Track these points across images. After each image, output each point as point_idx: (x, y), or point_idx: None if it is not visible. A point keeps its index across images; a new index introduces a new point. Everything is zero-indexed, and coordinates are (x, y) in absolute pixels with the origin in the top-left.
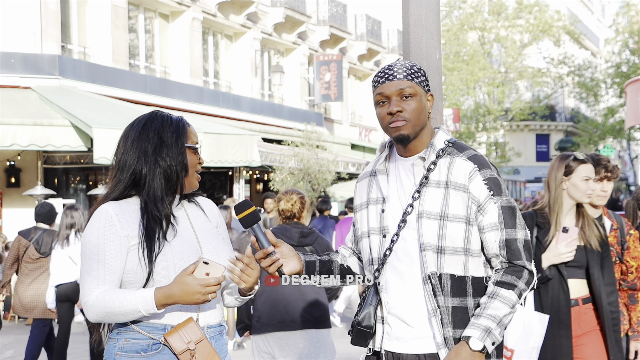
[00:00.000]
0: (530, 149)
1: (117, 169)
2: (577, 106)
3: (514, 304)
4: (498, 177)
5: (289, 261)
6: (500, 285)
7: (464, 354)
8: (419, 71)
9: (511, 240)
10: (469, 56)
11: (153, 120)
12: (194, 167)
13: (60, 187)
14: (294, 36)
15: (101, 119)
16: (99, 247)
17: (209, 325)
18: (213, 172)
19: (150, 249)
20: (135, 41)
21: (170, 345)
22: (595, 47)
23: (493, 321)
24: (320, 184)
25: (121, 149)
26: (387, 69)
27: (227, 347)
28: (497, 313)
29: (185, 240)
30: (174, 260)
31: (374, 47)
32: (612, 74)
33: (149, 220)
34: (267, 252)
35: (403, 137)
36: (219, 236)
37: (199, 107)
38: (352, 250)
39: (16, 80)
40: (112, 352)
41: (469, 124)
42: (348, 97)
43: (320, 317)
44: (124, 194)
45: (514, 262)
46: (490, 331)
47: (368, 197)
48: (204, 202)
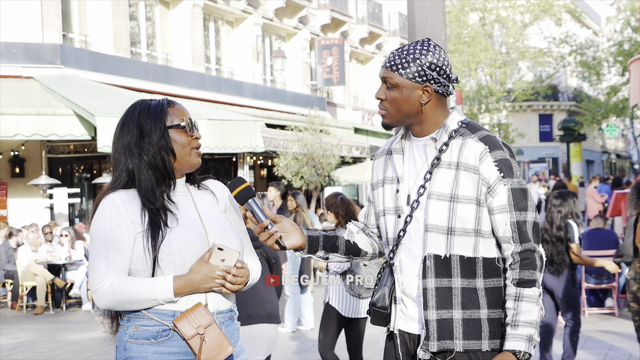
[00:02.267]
0: (533, 130)
1: (113, 166)
2: (579, 85)
3: (539, 299)
4: (510, 159)
5: (290, 235)
6: (522, 285)
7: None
8: (414, 61)
9: (521, 222)
10: (470, 38)
11: (132, 112)
12: (186, 145)
13: (64, 177)
14: (295, 21)
15: (104, 107)
16: (107, 234)
17: (219, 311)
18: (217, 158)
19: (154, 238)
20: (137, 29)
21: (180, 330)
22: (597, 25)
23: (531, 326)
24: (324, 168)
25: (113, 147)
26: (391, 53)
27: (239, 332)
28: (530, 318)
29: (190, 226)
30: (179, 246)
31: (376, 31)
32: (614, 53)
33: (150, 212)
34: (264, 226)
35: (384, 125)
36: (226, 221)
37: (202, 94)
38: (364, 226)
39: (18, 70)
40: (122, 339)
41: (472, 105)
42: (350, 81)
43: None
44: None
45: (523, 245)
46: (531, 338)
47: (384, 175)
48: (215, 186)
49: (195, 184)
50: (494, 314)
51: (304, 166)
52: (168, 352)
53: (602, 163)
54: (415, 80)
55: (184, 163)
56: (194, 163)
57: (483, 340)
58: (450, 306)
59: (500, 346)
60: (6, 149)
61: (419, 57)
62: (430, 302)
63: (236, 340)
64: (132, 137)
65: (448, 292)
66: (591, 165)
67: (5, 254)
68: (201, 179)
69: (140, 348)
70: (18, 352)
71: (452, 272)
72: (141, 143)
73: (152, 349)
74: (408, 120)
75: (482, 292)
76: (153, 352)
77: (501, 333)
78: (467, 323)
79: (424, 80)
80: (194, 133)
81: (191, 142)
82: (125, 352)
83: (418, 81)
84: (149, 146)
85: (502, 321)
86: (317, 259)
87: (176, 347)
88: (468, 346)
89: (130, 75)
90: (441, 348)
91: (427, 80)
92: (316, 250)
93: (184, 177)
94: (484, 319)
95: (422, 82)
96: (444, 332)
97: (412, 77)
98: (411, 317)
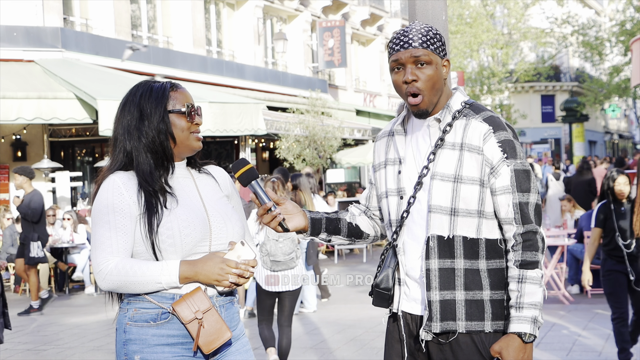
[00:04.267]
0: (535, 110)
1: (112, 146)
2: (581, 66)
3: (541, 280)
4: (513, 140)
5: (293, 217)
6: (525, 267)
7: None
8: (435, 36)
9: (523, 204)
10: (472, 19)
11: (134, 93)
12: (185, 130)
13: (66, 160)
14: (295, 3)
15: (105, 90)
16: (109, 215)
17: (218, 294)
18: (219, 141)
19: (150, 221)
20: (137, 12)
21: (178, 314)
22: (599, 5)
23: (535, 308)
24: (326, 150)
25: (114, 127)
26: (403, 35)
27: (239, 315)
28: (535, 299)
29: (191, 208)
30: (180, 228)
31: (377, 12)
32: (616, 32)
33: (146, 194)
34: (267, 208)
35: (422, 113)
36: (228, 204)
37: (203, 77)
38: (366, 208)
39: (19, 53)
40: (122, 321)
41: (474, 86)
42: (352, 63)
43: None
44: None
45: (525, 227)
46: (536, 320)
47: (386, 157)
48: (216, 171)
49: (196, 167)
50: (496, 295)
51: (305, 148)
52: (167, 335)
53: (605, 144)
54: (442, 55)
55: (184, 147)
56: (194, 147)
57: (486, 321)
58: (453, 287)
59: (504, 328)
60: (8, 133)
61: (437, 33)
62: (433, 283)
63: (236, 324)
64: (132, 119)
65: (451, 273)
66: (594, 145)
67: (10, 238)
68: (202, 164)
69: (140, 330)
70: (21, 335)
71: (455, 253)
72: (140, 126)
73: (152, 331)
74: (435, 100)
75: (484, 273)
76: (152, 335)
77: (504, 315)
78: (470, 304)
79: (445, 54)
80: (195, 119)
81: (191, 127)
82: (125, 334)
83: (442, 55)
84: (148, 129)
85: (504, 303)
86: (319, 241)
87: (175, 330)
88: (470, 327)
89: (131, 58)
90: (444, 329)
91: (446, 54)
92: (319, 233)
93: (184, 161)
94: (486, 300)
95: (444, 56)
96: (447, 313)
97: (439, 52)
98: (414, 298)
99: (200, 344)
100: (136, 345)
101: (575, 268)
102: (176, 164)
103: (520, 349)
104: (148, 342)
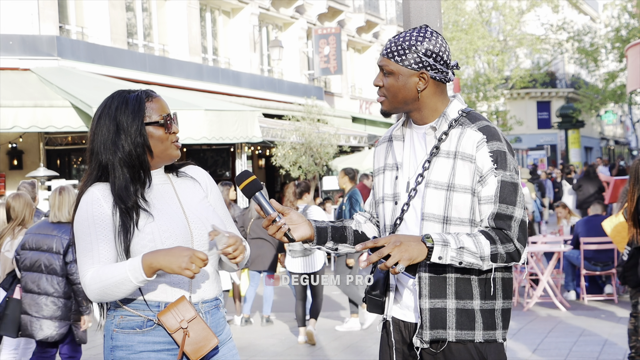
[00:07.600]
0: (531, 117)
1: (88, 158)
2: (577, 72)
3: (484, 257)
4: (507, 152)
5: (298, 227)
6: (482, 233)
7: (413, 237)
8: (409, 48)
9: (504, 215)
10: (467, 25)
11: (109, 106)
12: (164, 140)
13: (62, 168)
14: (291, 10)
15: (101, 98)
16: (90, 228)
17: (204, 300)
18: (215, 149)
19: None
20: (133, 20)
21: (164, 324)
22: (594, 11)
23: (456, 243)
24: (322, 157)
25: (89, 139)
26: (387, 42)
27: (225, 320)
28: (464, 244)
29: (171, 217)
30: (162, 239)
31: (372, 19)
32: (611, 39)
33: (120, 211)
34: (272, 219)
35: (382, 112)
36: (209, 207)
37: (199, 84)
38: (370, 216)
39: (15, 62)
40: (109, 328)
41: (469, 93)
42: (347, 70)
43: None
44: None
45: (504, 232)
46: (447, 245)
47: (385, 162)
48: (195, 172)
49: (174, 171)
50: (486, 305)
51: (301, 156)
52: (153, 342)
53: (601, 149)
54: (411, 67)
55: (163, 156)
56: (173, 156)
57: (477, 331)
58: (444, 295)
59: (495, 337)
60: (4, 141)
61: (415, 44)
62: (424, 291)
63: (222, 329)
64: (108, 133)
65: (442, 281)
66: (590, 152)
67: None
68: (180, 165)
69: (126, 337)
70: None
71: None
72: (117, 139)
73: (138, 338)
74: (406, 107)
75: (475, 282)
76: (139, 342)
77: (495, 324)
78: (461, 313)
79: (420, 67)
80: (172, 127)
81: (169, 137)
82: (112, 341)
83: (414, 68)
84: (125, 142)
85: (495, 312)
86: (326, 250)
87: (161, 337)
88: (461, 336)
89: (127, 66)
90: (434, 337)
91: (424, 67)
92: (325, 242)
93: (162, 167)
94: (477, 309)
95: (418, 68)
96: (437, 322)
97: (407, 64)
98: (406, 305)
99: (188, 352)
100: (123, 352)
101: (572, 274)
102: (154, 172)
103: (414, 240)
104: (134, 349)
